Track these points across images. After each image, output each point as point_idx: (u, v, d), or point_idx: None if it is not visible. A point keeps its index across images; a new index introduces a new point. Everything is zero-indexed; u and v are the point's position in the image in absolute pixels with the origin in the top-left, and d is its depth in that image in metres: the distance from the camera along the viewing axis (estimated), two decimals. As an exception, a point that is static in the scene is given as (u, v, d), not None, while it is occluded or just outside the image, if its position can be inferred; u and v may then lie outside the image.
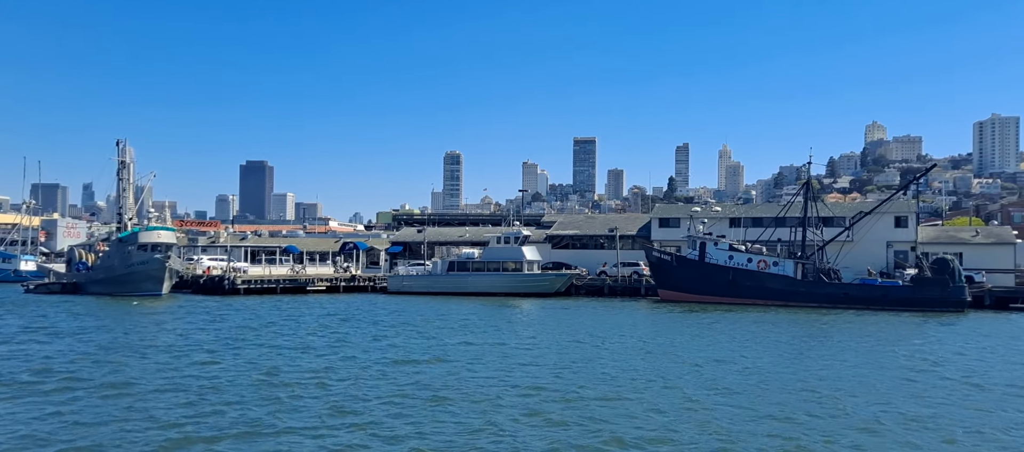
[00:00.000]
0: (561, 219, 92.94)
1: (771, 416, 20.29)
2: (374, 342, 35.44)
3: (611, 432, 18.43)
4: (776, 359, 30.85)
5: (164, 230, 70.63)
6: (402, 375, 26.42)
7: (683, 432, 18.52)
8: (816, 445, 17.51)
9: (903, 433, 18.71)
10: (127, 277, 67.10)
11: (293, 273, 75.03)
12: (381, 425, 19.12)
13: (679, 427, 19.00)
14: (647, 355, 31.76)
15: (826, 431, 18.77)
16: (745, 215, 73.55)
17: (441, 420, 19.61)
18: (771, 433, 18.52)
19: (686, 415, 20.37)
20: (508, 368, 27.99)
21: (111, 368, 27.26)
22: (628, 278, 72.47)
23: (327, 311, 53.02)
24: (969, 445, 17.79)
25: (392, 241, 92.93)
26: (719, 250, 62.53)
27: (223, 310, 52.39)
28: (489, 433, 18.42)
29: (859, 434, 18.55)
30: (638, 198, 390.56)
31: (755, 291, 59.83)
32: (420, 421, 19.49)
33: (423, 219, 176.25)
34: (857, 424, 19.54)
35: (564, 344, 35.03)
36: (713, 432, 18.50)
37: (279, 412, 20.48)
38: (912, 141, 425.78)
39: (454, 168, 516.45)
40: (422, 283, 75.26)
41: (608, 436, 18.08)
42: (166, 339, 35.69)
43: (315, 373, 26.61)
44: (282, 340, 36.03)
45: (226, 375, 26.11)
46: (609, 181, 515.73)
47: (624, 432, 18.43)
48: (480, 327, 42.54)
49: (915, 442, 17.89)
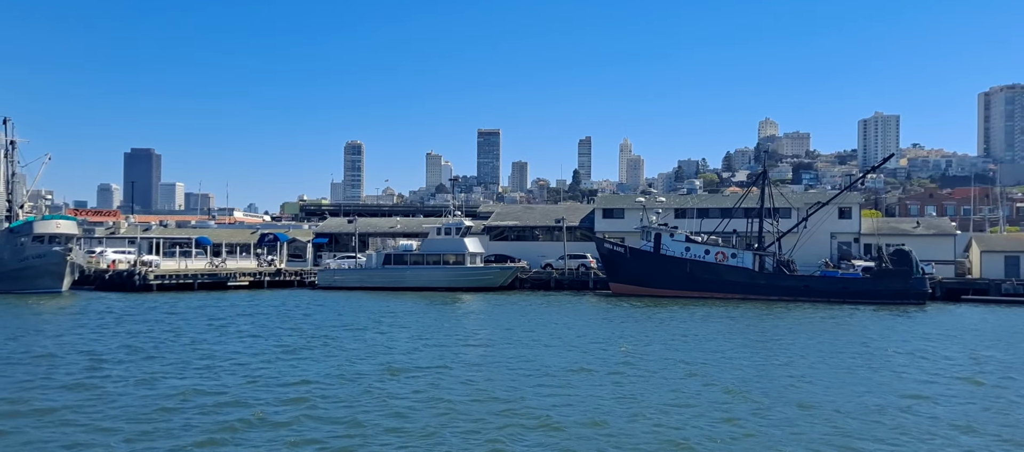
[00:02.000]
0: (499, 209, 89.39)
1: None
2: (341, 350, 30.94)
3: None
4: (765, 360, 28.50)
5: (64, 219, 62.87)
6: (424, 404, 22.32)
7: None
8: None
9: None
10: (20, 273, 59.08)
11: (212, 267, 68.38)
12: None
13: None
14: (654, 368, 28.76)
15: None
16: (693, 205, 72.03)
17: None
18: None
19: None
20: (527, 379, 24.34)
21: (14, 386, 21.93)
22: (576, 271, 69.74)
23: (259, 311, 47.61)
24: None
25: (317, 232, 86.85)
26: (675, 242, 60.63)
27: (138, 311, 46.12)
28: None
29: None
30: (544, 190, 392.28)
31: (713, 284, 58.25)
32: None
33: (334, 209, 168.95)
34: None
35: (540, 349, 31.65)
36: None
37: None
38: (801, 137, 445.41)
39: (355, 158, 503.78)
40: (355, 278, 70.18)
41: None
42: (84, 347, 30.03)
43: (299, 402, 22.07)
44: (221, 347, 31.02)
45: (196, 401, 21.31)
46: (513, 173, 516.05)
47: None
48: (436, 327, 38.64)
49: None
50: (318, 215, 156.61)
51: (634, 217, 75.30)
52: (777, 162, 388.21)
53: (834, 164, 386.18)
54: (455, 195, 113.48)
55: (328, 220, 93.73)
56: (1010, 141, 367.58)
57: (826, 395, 21.73)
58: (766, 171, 62.01)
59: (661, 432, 17.59)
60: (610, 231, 75.97)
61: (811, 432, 17.70)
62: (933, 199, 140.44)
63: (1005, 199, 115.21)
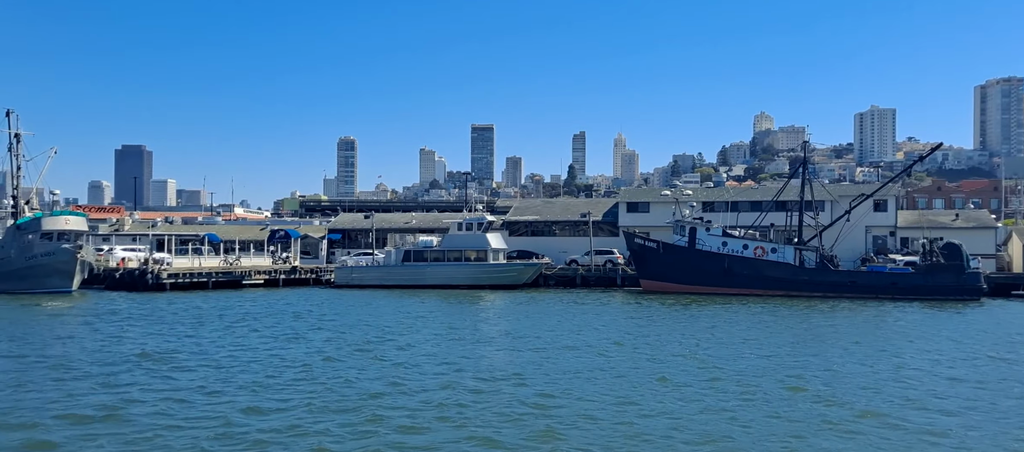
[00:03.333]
0: (517, 204, 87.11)
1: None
2: (397, 353, 28.57)
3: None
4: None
5: (73, 215, 60.19)
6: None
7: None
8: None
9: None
10: (28, 271, 56.41)
11: (227, 265, 65.73)
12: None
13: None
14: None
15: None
16: (723, 199, 69.84)
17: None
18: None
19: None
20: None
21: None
22: (603, 268, 67.46)
23: (281, 310, 45.15)
24: None
25: (330, 228, 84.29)
26: (711, 236, 58.45)
27: (163, 313, 43.55)
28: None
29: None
30: (539, 185, 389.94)
31: (752, 280, 56.10)
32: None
33: (334, 205, 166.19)
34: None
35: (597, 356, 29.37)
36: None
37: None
38: (797, 131, 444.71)
39: (348, 154, 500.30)
40: (374, 275, 67.68)
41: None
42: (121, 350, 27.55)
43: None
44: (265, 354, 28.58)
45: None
46: (507, 168, 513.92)
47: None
48: (479, 329, 36.34)
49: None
50: (319, 211, 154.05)
51: (660, 211, 73.18)
52: (774, 156, 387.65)
53: (831, 158, 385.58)
54: (470, 189, 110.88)
55: (341, 216, 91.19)
56: (1006, 134, 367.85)
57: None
58: (806, 161, 59.78)
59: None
60: (635, 226, 73.76)
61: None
62: (941, 192, 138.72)
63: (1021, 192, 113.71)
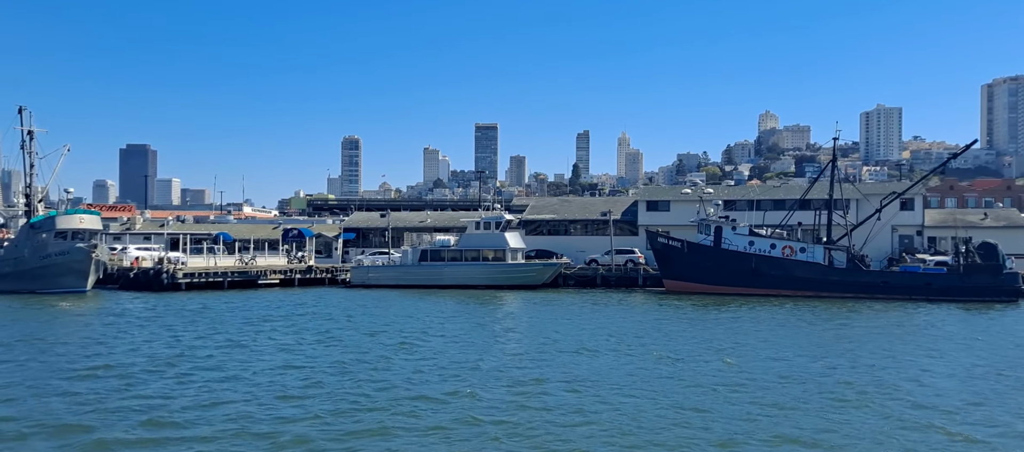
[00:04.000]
0: (534, 202, 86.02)
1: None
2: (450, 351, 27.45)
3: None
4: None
5: (87, 214, 59.17)
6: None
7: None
8: None
9: None
10: (42, 271, 55.39)
11: (243, 264, 64.65)
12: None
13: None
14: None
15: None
16: (744, 197, 68.61)
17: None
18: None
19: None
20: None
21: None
22: (624, 267, 66.30)
23: (315, 312, 44.06)
24: None
25: (344, 226, 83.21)
26: (738, 235, 57.29)
27: (186, 313, 42.49)
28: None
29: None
30: (543, 184, 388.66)
31: (780, 281, 54.92)
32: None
33: (342, 204, 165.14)
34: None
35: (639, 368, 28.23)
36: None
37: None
38: (802, 130, 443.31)
39: (353, 153, 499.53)
40: (390, 275, 66.60)
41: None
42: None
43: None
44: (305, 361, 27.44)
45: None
46: (511, 167, 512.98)
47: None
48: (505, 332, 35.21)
49: None
50: (327, 210, 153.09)
51: (680, 210, 72.02)
52: (779, 155, 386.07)
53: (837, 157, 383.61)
54: (475, 187, 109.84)
55: (354, 214, 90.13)
56: (1013, 133, 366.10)
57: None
58: (836, 158, 58.61)
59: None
60: (654, 225, 72.62)
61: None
62: (953, 191, 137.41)
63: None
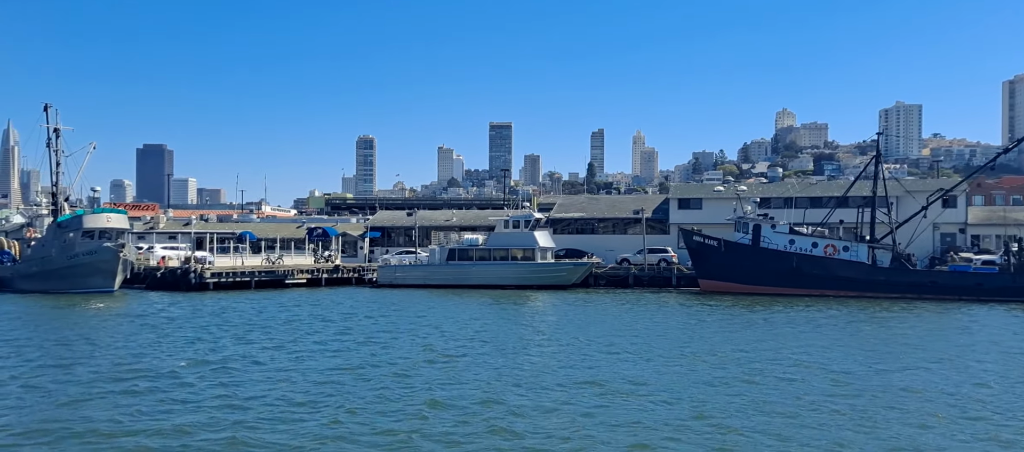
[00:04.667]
0: (561, 200, 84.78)
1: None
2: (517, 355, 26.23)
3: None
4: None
5: (114, 213, 58.44)
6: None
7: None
8: None
9: None
10: (69, 270, 54.65)
11: (270, 264, 63.77)
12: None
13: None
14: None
15: None
16: (779, 194, 66.97)
17: None
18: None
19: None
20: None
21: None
22: (656, 266, 64.92)
23: (354, 311, 43.00)
24: None
25: (369, 225, 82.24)
26: (778, 234, 55.81)
27: (214, 313, 41.54)
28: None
29: None
30: (558, 183, 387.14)
31: (822, 281, 53.37)
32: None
33: (360, 203, 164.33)
34: None
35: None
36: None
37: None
38: (820, 128, 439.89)
39: (367, 152, 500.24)
40: (418, 274, 65.58)
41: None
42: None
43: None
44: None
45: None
46: (525, 166, 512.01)
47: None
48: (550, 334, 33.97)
49: None
50: (346, 209, 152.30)
51: (712, 208, 70.61)
52: (796, 153, 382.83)
53: (855, 154, 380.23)
54: (514, 191, 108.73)
55: (379, 213, 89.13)
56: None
57: None
58: (880, 154, 56.94)
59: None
60: (686, 222, 71.19)
61: None
62: (981, 189, 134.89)
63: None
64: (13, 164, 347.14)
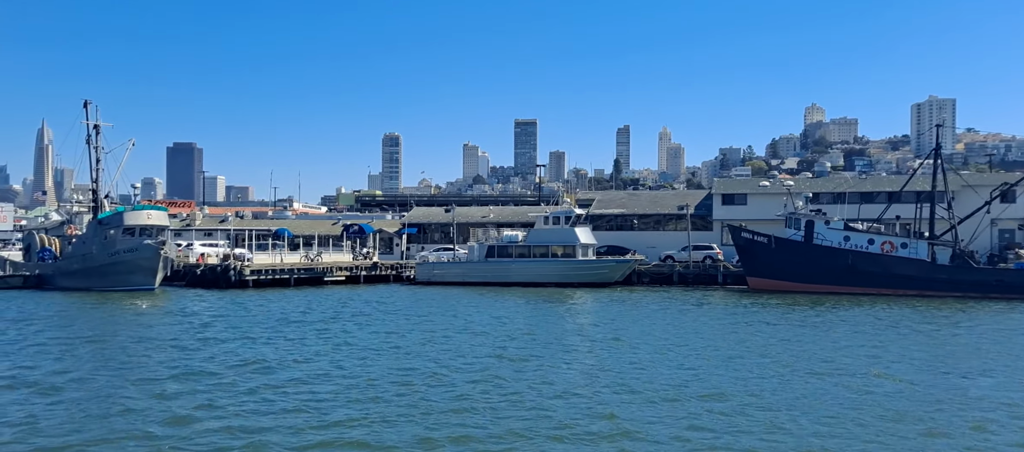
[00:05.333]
0: (599, 196, 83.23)
1: None
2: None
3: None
4: None
5: (154, 210, 57.99)
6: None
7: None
8: None
9: None
10: (110, 268, 54.24)
11: (309, 261, 63.04)
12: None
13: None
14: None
15: None
16: (829, 190, 64.90)
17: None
18: None
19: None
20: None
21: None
22: (702, 264, 63.27)
23: (384, 309, 41.97)
24: None
25: (405, 222, 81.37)
26: (832, 230, 53.94)
27: (260, 310, 40.70)
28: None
29: None
30: (583, 179, 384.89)
31: (879, 279, 51.46)
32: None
33: (389, 200, 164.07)
34: None
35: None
36: None
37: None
38: (850, 123, 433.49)
39: (393, 150, 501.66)
40: (456, 272, 64.55)
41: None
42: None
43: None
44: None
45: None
46: (551, 163, 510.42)
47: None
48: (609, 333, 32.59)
49: None
50: (376, 206, 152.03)
51: (758, 203, 68.82)
52: (826, 148, 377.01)
53: (887, 150, 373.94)
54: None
55: (414, 210, 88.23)
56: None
57: None
58: (940, 147, 54.86)
59: None
60: (730, 219, 69.45)
61: None
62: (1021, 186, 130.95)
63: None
64: (47, 163, 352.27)
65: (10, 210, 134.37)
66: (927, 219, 54.65)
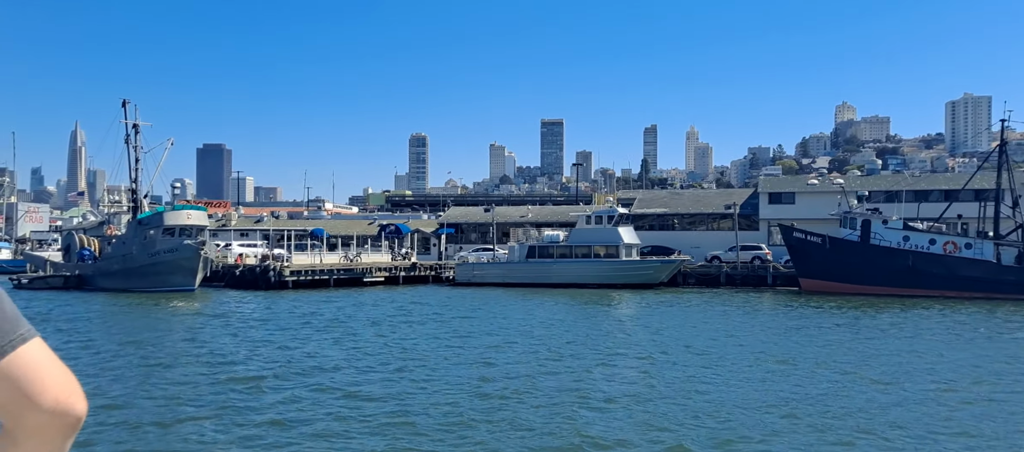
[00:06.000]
0: (641, 196, 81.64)
1: None
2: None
3: None
4: None
5: (194, 210, 57.39)
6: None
7: None
8: None
9: None
10: (151, 268, 53.63)
11: (348, 261, 62.15)
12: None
13: None
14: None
15: None
16: (880, 188, 62.74)
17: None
18: None
19: None
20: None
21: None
22: (750, 265, 61.47)
23: (437, 313, 40.73)
24: None
25: (442, 222, 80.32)
26: (890, 229, 51.95)
27: (305, 311, 39.67)
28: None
29: None
30: (611, 179, 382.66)
31: (942, 280, 49.34)
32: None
33: (420, 200, 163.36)
34: None
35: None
36: None
37: None
38: (881, 121, 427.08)
39: (420, 150, 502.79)
40: (497, 272, 63.33)
41: None
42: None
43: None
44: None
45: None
46: (577, 162, 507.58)
47: None
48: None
49: None
50: (406, 205, 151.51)
51: (806, 202, 66.91)
52: (858, 147, 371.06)
53: (920, 148, 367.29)
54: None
55: (451, 209, 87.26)
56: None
57: None
58: (1005, 143, 52.66)
59: None
60: (777, 218, 67.62)
61: None
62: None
63: None
64: (81, 164, 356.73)
65: (46, 211, 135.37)
66: (989, 218, 52.44)
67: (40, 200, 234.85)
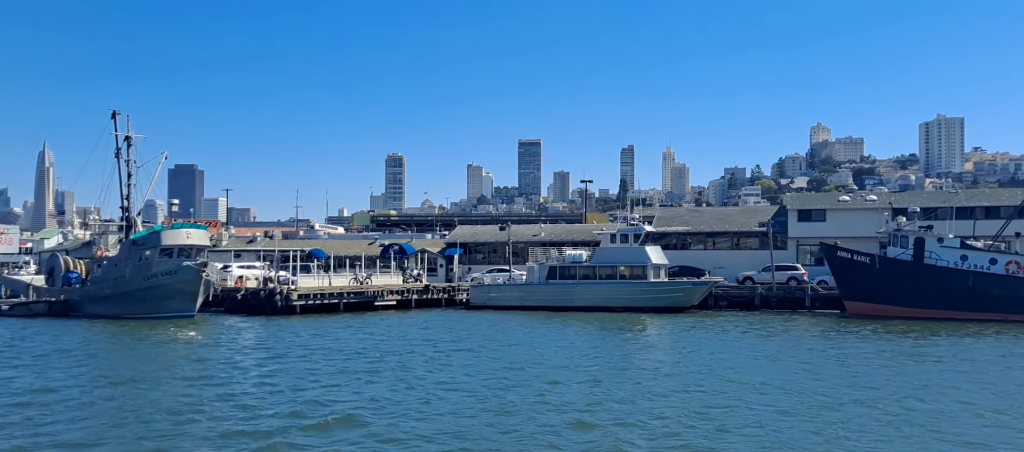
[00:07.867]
0: (660, 213, 78.15)
1: None
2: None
3: None
4: None
5: (194, 228, 52.61)
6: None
7: None
8: None
9: None
10: (147, 292, 48.74)
11: (358, 284, 57.63)
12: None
13: None
14: None
15: None
16: (918, 204, 59.68)
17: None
18: None
19: None
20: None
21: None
22: (786, 286, 58.06)
23: (453, 343, 36.56)
24: None
25: (449, 242, 76.04)
26: (947, 248, 48.75)
27: (334, 351, 35.24)
28: None
29: None
30: (591, 199, 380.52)
31: (1006, 303, 46.12)
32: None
33: (406, 220, 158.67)
34: None
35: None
36: None
37: None
38: (855, 142, 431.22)
39: (396, 170, 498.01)
40: (515, 295, 59.25)
41: None
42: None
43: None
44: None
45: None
46: (555, 182, 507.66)
47: None
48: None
49: None
50: (395, 225, 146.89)
51: (838, 219, 63.81)
52: (835, 168, 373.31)
53: (896, 168, 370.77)
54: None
55: (458, 228, 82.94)
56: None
57: None
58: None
59: None
60: (807, 237, 64.47)
61: None
62: None
63: None
64: (48, 185, 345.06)
65: (15, 232, 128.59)
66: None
67: (7, 221, 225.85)
